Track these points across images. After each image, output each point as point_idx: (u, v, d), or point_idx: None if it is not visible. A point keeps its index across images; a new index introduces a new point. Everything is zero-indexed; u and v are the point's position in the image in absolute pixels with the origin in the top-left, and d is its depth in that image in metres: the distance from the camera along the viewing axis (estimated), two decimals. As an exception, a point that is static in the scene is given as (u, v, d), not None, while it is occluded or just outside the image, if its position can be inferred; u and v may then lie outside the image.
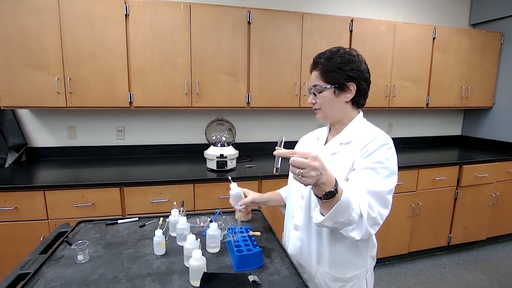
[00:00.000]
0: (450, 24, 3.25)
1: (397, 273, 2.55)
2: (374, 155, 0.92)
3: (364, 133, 0.99)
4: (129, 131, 2.59)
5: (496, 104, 3.22)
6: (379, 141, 0.94)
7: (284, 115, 2.91)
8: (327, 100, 1.00)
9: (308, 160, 0.71)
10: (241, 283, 0.86)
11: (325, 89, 0.99)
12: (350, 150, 0.98)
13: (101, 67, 2.09)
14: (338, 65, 0.96)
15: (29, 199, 1.83)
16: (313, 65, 1.02)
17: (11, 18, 1.92)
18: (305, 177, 0.72)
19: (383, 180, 0.90)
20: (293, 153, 0.73)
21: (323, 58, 0.99)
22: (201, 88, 2.28)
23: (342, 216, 0.80)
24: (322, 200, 0.77)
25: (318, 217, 0.84)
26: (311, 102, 1.04)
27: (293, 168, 0.73)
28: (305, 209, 1.05)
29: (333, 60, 0.97)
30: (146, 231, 1.23)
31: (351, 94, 0.99)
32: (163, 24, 2.14)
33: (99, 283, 0.88)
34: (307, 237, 1.06)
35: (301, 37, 2.43)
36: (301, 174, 0.72)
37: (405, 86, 2.75)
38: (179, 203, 1.31)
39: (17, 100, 2.01)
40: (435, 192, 2.63)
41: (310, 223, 1.03)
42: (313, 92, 1.02)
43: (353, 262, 1.03)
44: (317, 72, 1.00)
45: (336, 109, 1.01)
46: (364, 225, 0.84)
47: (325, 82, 0.98)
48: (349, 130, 1.02)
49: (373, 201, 0.87)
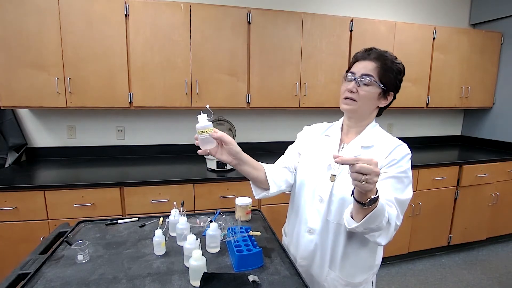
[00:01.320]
0: (450, 24, 3.25)
1: (397, 273, 2.55)
2: (400, 164, 0.93)
3: (385, 139, 0.99)
4: (129, 131, 2.59)
5: (496, 104, 3.22)
6: (404, 151, 0.96)
7: (284, 115, 2.91)
8: (370, 96, 0.95)
9: (373, 166, 0.71)
10: (241, 283, 0.86)
11: (376, 85, 0.94)
12: (373, 155, 0.95)
13: (101, 67, 2.09)
14: (396, 71, 0.96)
15: (29, 199, 1.83)
16: (373, 55, 0.95)
17: (11, 18, 1.92)
18: (368, 184, 0.72)
19: (407, 190, 0.93)
20: (358, 160, 0.72)
21: (388, 55, 0.96)
22: (201, 88, 2.28)
23: (374, 223, 0.80)
24: (365, 206, 0.77)
25: (350, 222, 0.84)
26: (351, 89, 0.95)
27: (357, 175, 0.72)
28: (324, 213, 1.01)
29: (394, 64, 0.96)
30: (146, 231, 1.22)
31: (387, 102, 0.99)
32: (163, 24, 2.14)
33: (99, 283, 0.88)
34: (323, 241, 1.03)
35: (301, 37, 2.43)
36: (366, 180, 0.71)
37: (405, 86, 2.71)
38: (179, 203, 1.31)
39: (17, 100, 2.01)
40: (435, 192, 2.63)
41: (327, 227, 1.01)
42: (359, 81, 0.94)
43: (365, 267, 1.04)
44: (376, 65, 0.94)
45: (370, 109, 0.99)
46: (391, 232, 0.86)
47: (379, 79, 0.94)
48: (370, 134, 1.00)
49: (400, 210, 0.90)
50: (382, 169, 0.93)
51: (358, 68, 0.96)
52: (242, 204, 1.29)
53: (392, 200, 0.88)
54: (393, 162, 0.93)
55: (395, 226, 0.87)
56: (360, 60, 0.97)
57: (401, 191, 0.91)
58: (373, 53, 0.95)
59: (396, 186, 0.91)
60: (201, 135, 0.91)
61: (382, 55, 0.95)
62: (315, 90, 2.54)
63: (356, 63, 0.98)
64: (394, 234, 0.89)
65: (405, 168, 0.93)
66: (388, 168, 0.93)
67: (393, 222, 0.85)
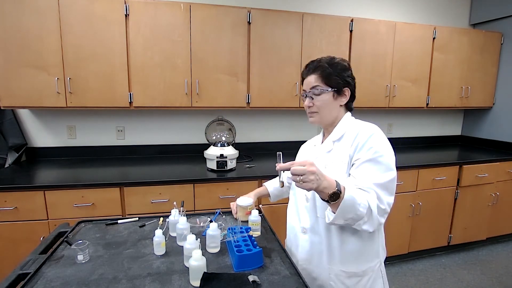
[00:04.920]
0: (450, 24, 3.25)
1: (397, 273, 2.55)
2: (367, 146, 0.95)
3: (352, 128, 1.04)
4: (129, 131, 2.59)
5: (496, 104, 3.22)
6: (366, 132, 0.98)
7: (284, 115, 2.91)
8: (326, 103, 1.04)
9: (306, 167, 0.80)
10: (241, 283, 0.86)
11: (326, 91, 1.03)
12: (343, 146, 1.03)
13: (101, 67, 2.09)
14: (338, 71, 1.03)
15: (29, 199, 1.83)
16: (311, 69, 1.05)
17: (11, 18, 1.92)
18: (306, 182, 0.80)
19: (386, 170, 0.93)
20: (292, 164, 0.83)
21: (324, 62, 1.04)
22: (201, 88, 2.28)
23: (350, 213, 0.86)
24: (330, 202, 0.85)
25: (329, 216, 0.90)
26: (308, 105, 1.06)
27: (294, 177, 0.81)
28: (311, 211, 1.06)
29: (333, 66, 1.03)
30: (146, 231, 1.23)
31: (346, 98, 1.06)
32: (163, 24, 2.14)
33: (99, 283, 0.88)
34: (316, 238, 1.06)
35: (301, 37, 2.43)
36: (302, 180, 0.80)
37: (405, 86, 2.75)
38: (179, 203, 1.31)
39: (17, 100, 2.01)
40: (435, 192, 2.63)
41: (318, 223, 1.05)
42: (310, 95, 1.05)
43: (365, 255, 1.04)
44: (317, 75, 1.03)
45: (332, 112, 1.06)
46: (375, 217, 0.89)
47: (325, 85, 1.02)
48: (339, 128, 1.07)
49: (382, 193, 0.91)
50: (354, 156, 0.97)
51: (305, 85, 1.07)
52: (242, 204, 1.29)
53: (370, 186, 0.90)
54: (358, 147, 0.96)
55: (380, 210, 0.90)
56: (305, 77, 1.08)
57: (380, 173, 0.92)
58: (311, 66, 1.06)
59: (372, 169, 0.93)
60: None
61: (318, 65, 1.04)
62: (315, 90, 2.53)
63: (304, 81, 1.09)
64: (383, 218, 0.92)
65: (375, 148, 0.94)
66: (357, 154, 0.96)
67: (375, 208, 0.88)
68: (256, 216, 1.22)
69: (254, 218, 1.21)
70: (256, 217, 1.21)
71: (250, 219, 1.21)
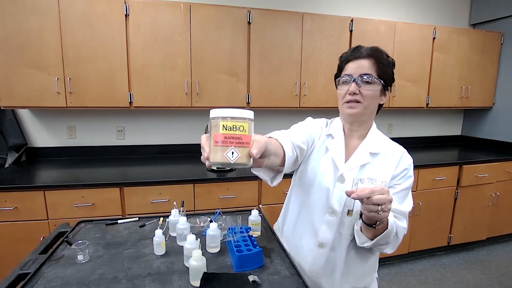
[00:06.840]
0: (450, 24, 3.25)
1: (397, 273, 2.55)
2: (409, 174, 0.94)
3: (388, 145, 0.96)
4: (129, 131, 2.59)
5: (496, 104, 3.22)
6: (410, 158, 0.95)
7: (284, 115, 2.90)
8: (374, 95, 0.89)
9: (386, 195, 0.70)
10: (241, 283, 0.86)
11: (377, 82, 0.88)
12: (383, 164, 0.92)
13: (101, 67, 2.09)
14: (392, 65, 0.92)
15: (29, 199, 1.83)
16: (367, 52, 0.89)
17: (11, 18, 1.92)
18: (384, 212, 0.71)
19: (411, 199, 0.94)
20: (373, 192, 0.70)
21: (381, 51, 0.90)
22: (201, 88, 2.28)
23: (385, 240, 0.83)
24: (374, 228, 0.79)
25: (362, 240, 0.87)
26: (353, 91, 0.88)
27: (374, 207, 0.70)
28: (334, 226, 0.95)
29: (388, 57, 0.91)
30: (146, 231, 1.22)
31: (385, 98, 0.94)
32: (163, 24, 2.14)
33: (99, 283, 0.88)
34: (335, 254, 0.98)
35: (301, 37, 2.43)
36: (382, 210, 0.70)
37: (405, 86, 2.75)
38: (179, 203, 1.31)
39: (17, 100, 2.01)
40: (435, 192, 2.63)
41: (340, 240, 0.95)
42: (359, 81, 0.88)
43: (374, 267, 1.05)
44: (372, 62, 0.88)
45: (374, 109, 0.94)
46: (398, 243, 0.88)
47: (378, 76, 0.88)
48: (374, 138, 0.96)
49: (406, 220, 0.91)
50: (395, 180, 0.92)
51: (353, 69, 0.89)
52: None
53: (405, 216, 0.90)
54: (407, 175, 0.93)
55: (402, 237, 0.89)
56: (352, 60, 0.90)
57: (410, 202, 0.93)
58: (365, 50, 0.89)
59: (407, 198, 0.93)
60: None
61: (376, 51, 0.89)
62: (315, 90, 2.54)
63: (348, 63, 0.91)
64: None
65: (412, 178, 0.94)
66: (400, 179, 0.92)
67: (401, 235, 0.86)
68: (256, 216, 1.21)
69: (254, 218, 1.21)
70: (256, 217, 1.21)
71: (250, 219, 1.21)
